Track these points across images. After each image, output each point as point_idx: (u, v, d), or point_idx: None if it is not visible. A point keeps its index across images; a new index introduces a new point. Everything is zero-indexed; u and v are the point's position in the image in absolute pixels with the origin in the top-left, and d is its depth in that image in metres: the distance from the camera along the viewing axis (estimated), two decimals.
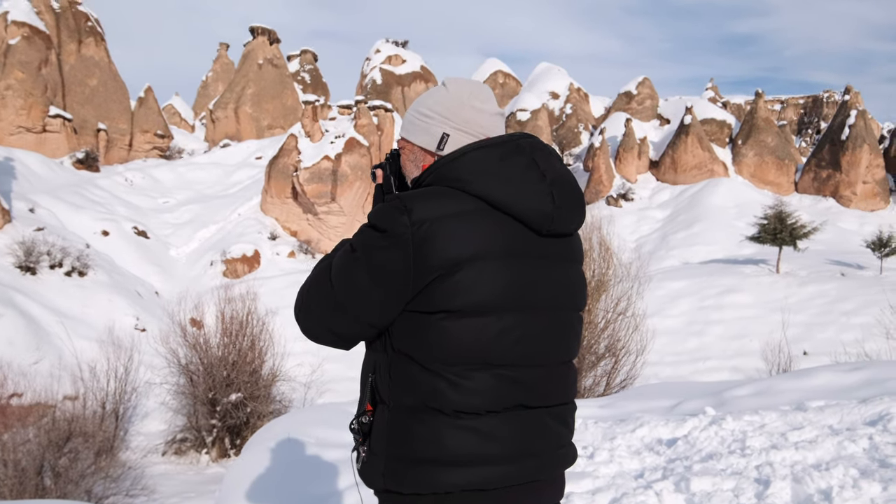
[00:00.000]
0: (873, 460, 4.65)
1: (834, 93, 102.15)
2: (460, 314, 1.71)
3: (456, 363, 1.72)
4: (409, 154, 1.96)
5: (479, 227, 1.72)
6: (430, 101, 1.91)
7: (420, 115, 1.91)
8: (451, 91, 1.91)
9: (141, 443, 18.42)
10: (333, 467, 5.86)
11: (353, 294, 1.75)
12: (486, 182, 1.75)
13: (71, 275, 30.04)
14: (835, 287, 33.03)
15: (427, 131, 1.90)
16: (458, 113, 1.87)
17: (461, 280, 1.69)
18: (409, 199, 1.72)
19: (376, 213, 1.76)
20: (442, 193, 1.75)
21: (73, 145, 50.85)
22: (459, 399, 1.72)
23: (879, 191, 64.52)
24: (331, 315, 1.80)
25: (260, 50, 67.64)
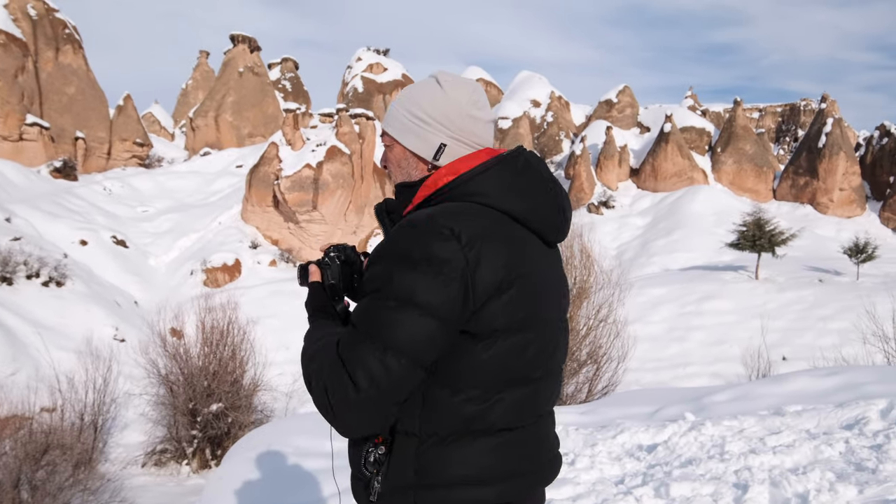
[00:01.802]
0: (849, 464, 4.70)
1: (811, 101, 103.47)
2: (505, 334, 1.67)
3: (497, 383, 1.68)
4: (399, 156, 1.85)
5: (515, 244, 1.69)
6: (424, 103, 1.80)
7: (414, 119, 1.81)
8: (448, 95, 1.80)
9: (120, 454, 18.21)
10: (314, 477, 5.83)
11: (413, 348, 1.58)
12: (509, 197, 1.73)
13: (48, 285, 29.68)
14: (813, 293, 33.37)
15: (422, 138, 1.80)
16: (455, 121, 1.80)
17: (507, 301, 1.65)
18: (447, 219, 1.62)
19: (415, 244, 1.59)
20: (474, 212, 1.68)
21: (50, 154, 50.35)
22: (498, 418, 1.70)
23: (856, 198, 65.33)
24: (385, 390, 1.59)
25: (240, 58, 67.43)
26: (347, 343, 1.61)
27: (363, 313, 1.63)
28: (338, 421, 1.62)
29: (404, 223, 1.65)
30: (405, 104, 1.83)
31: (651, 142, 71.10)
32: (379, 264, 1.64)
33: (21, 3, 52.35)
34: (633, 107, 79.23)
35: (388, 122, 1.87)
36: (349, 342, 1.61)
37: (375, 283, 1.62)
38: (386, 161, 1.90)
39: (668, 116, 69.02)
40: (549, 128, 76.74)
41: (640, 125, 77.76)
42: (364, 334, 1.59)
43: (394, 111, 1.85)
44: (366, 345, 1.58)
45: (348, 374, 1.57)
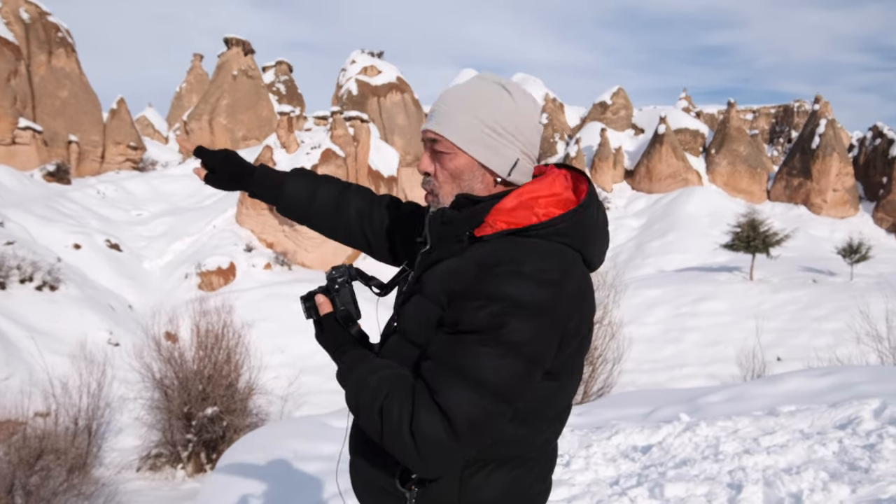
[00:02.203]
0: (843, 463, 4.72)
1: (804, 102, 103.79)
2: (567, 375, 1.70)
3: (547, 417, 1.72)
4: (463, 167, 1.72)
5: (590, 292, 1.69)
6: (498, 115, 1.69)
7: (488, 129, 1.69)
8: (520, 106, 1.71)
9: (115, 459, 18.15)
10: (310, 480, 5.83)
11: (512, 394, 1.56)
12: (588, 242, 1.71)
13: (42, 289, 29.59)
14: (807, 293, 33.49)
15: (498, 152, 1.70)
16: (526, 134, 1.72)
17: (577, 348, 1.68)
18: (552, 266, 1.58)
19: (526, 291, 1.54)
20: (569, 257, 1.64)
21: (43, 158, 50.21)
22: (539, 446, 1.75)
23: (849, 198, 65.60)
24: (481, 435, 1.56)
25: (234, 61, 67.38)
26: (442, 383, 1.53)
27: (462, 353, 1.54)
28: (424, 462, 1.54)
29: (513, 265, 1.56)
30: (475, 112, 1.69)
31: (645, 143, 71.29)
32: (483, 305, 1.54)
33: (13, 7, 52.24)
34: (628, 108, 79.42)
35: (449, 128, 1.71)
36: (444, 383, 1.53)
37: (478, 325, 1.54)
38: (436, 169, 1.76)
39: (662, 118, 69.21)
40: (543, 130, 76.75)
41: (635, 127, 77.95)
42: (462, 375, 1.53)
43: (455, 117, 1.70)
44: (465, 387, 1.52)
45: (445, 418, 1.50)
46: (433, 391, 1.53)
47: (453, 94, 1.74)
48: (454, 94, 1.73)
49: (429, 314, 1.66)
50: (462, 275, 1.61)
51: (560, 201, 1.70)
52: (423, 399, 1.53)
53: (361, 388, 1.63)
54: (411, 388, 1.57)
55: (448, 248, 1.70)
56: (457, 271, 1.63)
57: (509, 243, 1.62)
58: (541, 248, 1.61)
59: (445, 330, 1.60)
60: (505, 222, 1.66)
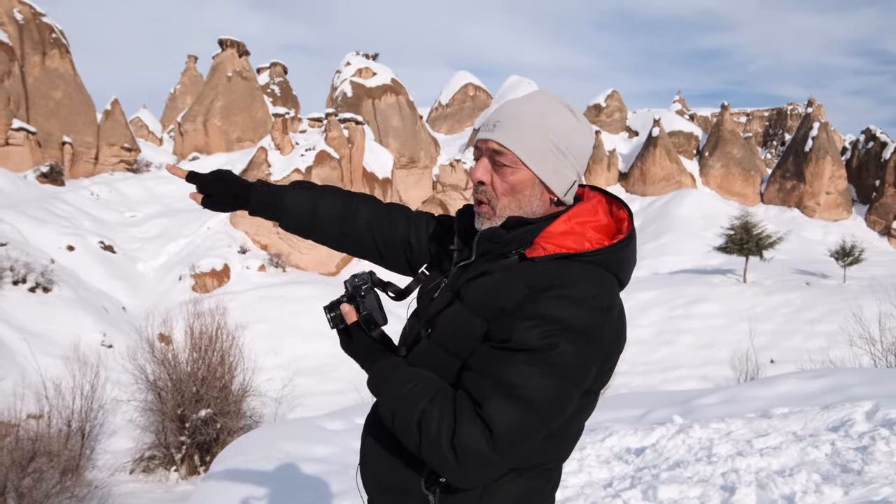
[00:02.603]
0: (835, 465, 4.74)
1: (798, 105, 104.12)
2: (597, 392, 1.76)
3: (574, 429, 1.77)
4: (524, 183, 1.72)
5: (624, 317, 1.73)
6: (566, 133, 1.71)
7: (554, 149, 1.70)
8: (583, 128, 1.74)
9: (108, 461, 18.09)
10: (304, 482, 5.82)
11: (554, 414, 1.59)
12: (627, 270, 1.74)
13: (35, 291, 29.47)
14: (800, 296, 33.59)
15: (560, 172, 1.72)
16: (584, 157, 1.76)
17: (610, 367, 1.72)
18: (602, 293, 1.61)
19: (579, 316, 1.56)
20: (612, 284, 1.68)
21: (37, 159, 50.05)
22: (562, 456, 1.81)
23: (842, 201, 65.83)
24: (519, 450, 1.58)
25: (229, 62, 67.29)
26: (488, 398, 1.54)
27: (511, 370, 1.55)
28: (463, 474, 1.56)
29: (566, 289, 1.58)
30: (542, 130, 1.69)
31: (639, 146, 71.44)
32: (535, 325, 1.56)
33: (7, 8, 52.08)
34: (622, 111, 79.59)
35: (514, 141, 1.69)
36: (491, 397, 1.54)
37: (529, 344, 1.55)
38: (493, 180, 1.74)
39: (656, 121, 69.37)
40: None
41: (629, 129, 78.12)
42: (508, 392, 1.53)
43: (524, 132, 1.69)
44: (510, 405, 1.53)
45: (487, 431, 1.52)
46: (477, 404, 1.54)
47: (520, 107, 1.72)
48: (522, 109, 1.72)
49: (469, 325, 1.67)
50: (511, 293, 1.62)
51: (602, 227, 1.74)
52: (466, 411, 1.54)
53: (397, 399, 1.63)
54: (451, 399, 1.58)
55: (492, 263, 1.72)
56: (505, 288, 1.64)
57: (561, 267, 1.63)
58: (591, 275, 1.63)
59: (492, 344, 1.61)
60: (557, 245, 1.67)
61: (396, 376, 1.68)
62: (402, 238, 2.10)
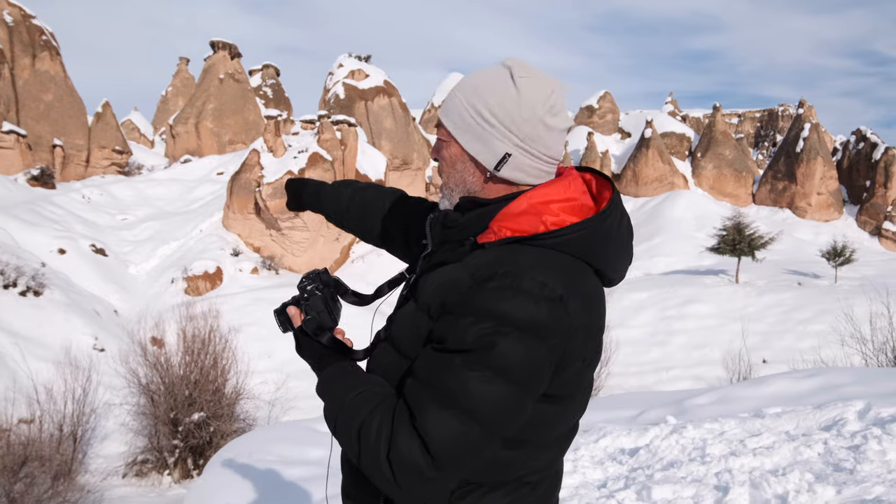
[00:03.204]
0: (828, 464, 4.75)
1: (789, 106, 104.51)
2: (571, 396, 1.56)
3: (549, 439, 1.59)
4: (454, 156, 1.60)
5: (598, 308, 1.56)
6: (492, 101, 1.52)
7: (478, 117, 1.53)
8: (522, 96, 1.52)
9: (100, 465, 18.01)
10: (297, 485, 5.81)
11: (501, 421, 1.41)
12: (601, 254, 1.55)
13: (26, 294, 29.33)
14: (792, 296, 33.70)
15: (485, 142, 1.54)
16: (525, 129, 1.52)
17: (583, 367, 1.55)
18: (554, 282, 1.42)
19: (522, 310, 1.38)
20: (572, 270, 1.48)
21: (27, 162, 49.82)
22: (539, 470, 1.62)
23: (833, 201, 66.11)
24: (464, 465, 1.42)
25: (221, 64, 67.15)
26: (424, 408, 1.39)
27: (447, 375, 1.39)
28: (402, 491, 1.40)
29: (510, 278, 1.41)
30: (469, 96, 1.55)
31: (632, 147, 71.61)
32: (474, 322, 1.40)
33: None
34: (614, 112, 79.78)
35: (446, 112, 1.58)
36: (426, 407, 1.39)
37: (466, 344, 1.39)
38: (438, 155, 1.64)
39: (648, 122, 69.55)
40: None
41: (621, 131, 78.32)
42: (445, 401, 1.38)
43: (456, 101, 1.57)
44: (449, 415, 1.38)
45: (424, 446, 1.37)
46: (413, 416, 1.40)
47: (466, 77, 1.61)
48: (465, 78, 1.60)
49: (418, 324, 1.53)
50: (456, 286, 1.47)
51: (575, 207, 1.54)
52: (403, 424, 1.40)
53: (339, 407, 1.51)
54: (391, 409, 1.44)
55: (451, 252, 1.58)
56: (450, 281, 1.49)
57: (510, 253, 1.47)
58: (545, 261, 1.45)
59: (433, 346, 1.46)
60: (510, 229, 1.51)
61: (342, 383, 1.56)
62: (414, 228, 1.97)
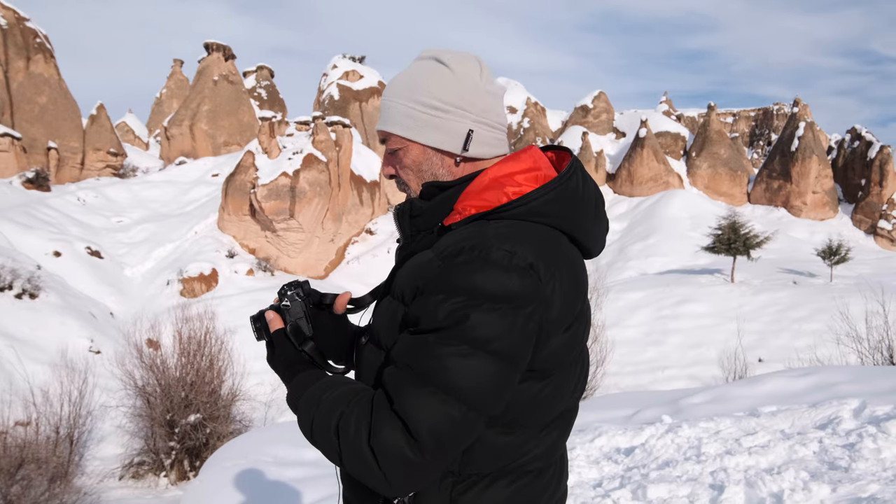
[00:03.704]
0: (823, 463, 4.77)
1: (784, 105, 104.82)
2: (560, 371, 1.51)
3: (545, 422, 1.53)
4: (418, 158, 1.57)
5: (577, 276, 1.51)
6: (436, 89, 1.53)
7: (429, 109, 1.53)
8: (458, 73, 1.54)
9: (97, 467, 17.98)
10: (293, 486, 5.81)
11: (484, 397, 1.35)
12: (570, 219, 1.52)
13: (21, 297, 29.27)
14: (787, 295, 33.76)
15: (445, 129, 1.54)
16: (476, 102, 1.54)
17: (568, 338, 1.49)
18: (524, 250, 1.39)
19: (492, 280, 1.35)
20: (543, 237, 1.45)
21: (22, 164, 49.72)
22: (539, 457, 1.55)
23: (828, 200, 66.25)
24: (448, 446, 1.35)
25: (215, 66, 67.08)
26: (401, 390, 1.34)
27: (422, 355, 1.35)
28: (388, 481, 1.34)
29: (477, 251, 1.38)
30: (412, 96, 1.55)
31: (627, 147, 71.67)
32: (445, 299, 1.36)
33: None
34: (609, 112, 79.86)
35: (390, 122, 1.57)
36: (404, 389, 1.34)
37: (439, 321, 1.35)
38: (396, 169, 1.61)
39: (643, 121, 69.62)
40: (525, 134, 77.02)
41: (616, 130, 78.39)
42: (423, 380, 1.33)
43: (396, 108, 1.56)
44: (427, 394, 1.32)
45: (406, 429, 1.32)
46: (391, 400, 1.35)
47: (393, 83, 1.60)
48: (391, 85, 1.60)
49: (393, 313, 1.48)
50: (427, 269, 1.42)
51: (539, 177, 1.52)
52: (382, 410, 1.35)
53: (314, 407, 1.45)
54: (367, 401, 1.39)
55: (423, 241, 1.54)
56: (422, 265, 1.44)
57: (476, 228, 1.44)
58: (511, 231, 1.43)
59: (408, 331, 1.42)
60: (474, 206, 1.49)
61: (316, 385, 1.49)
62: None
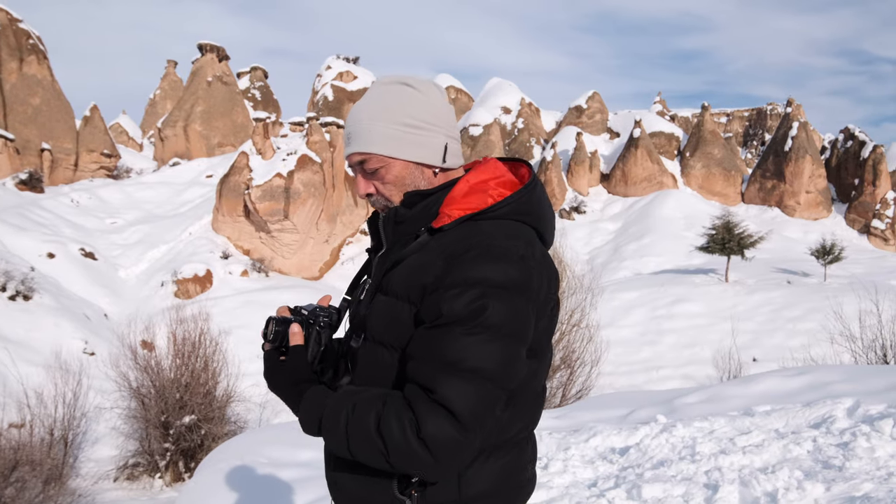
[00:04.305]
0: (817, 462, 4.79)
1: (777, 105, 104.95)
2: (542, 353, 1.73)
3: (530, 399, 1.74)
4: (401, 174, 1.73)
5: (552, 267, 1.72)
6: (412, 110, 1.71)
7: (408, 128, 1.70)
8: (428, 95, 1.74)
9: (91, 469, 17.93)
10: (289, 487, 5.81)
11: (507, 377, 1.56)
12: (541, 217, 1.74)
13: (15, 299, 29.18)
14: (781, 295, 33.84)
15: (425, 145, 1.72)
16: (445, 118, 1.76)
17: (548, 323, 1.71)
18: (518, 243, 1.61)
19: (500, 270, 1.54)
20: (528, 234, 1.69)
21: (15, 166, 49.54)
22: (523, 430, 1.75)
23: (822, 200, 66.44)
24: (485, 425, 1.54)
25: (209, 67, 66.95)
26: (438, 380, 1.50)
27: (450, 345, 1.51)
28: (440, 465, 1.50)
29: (481, 248, 1.57)
30: (391, 118, 1.71)
31: (621, 147, 71.72)
32: (461, 292, 1.53)
33: None
34: (603, 112, 79.92)
35: (371, 143, 1.71)
36: (439, 379, 1.50)
37: (459, 313, 1.52)
38: (377, 187, 1.76)
39: (637, 122, 69.69)
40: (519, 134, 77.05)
41: (610, 131, 78.47)
42: (454, 368, 1.50)
43: (376, 131, 1.71)
44: (462, 380, 1.49)
45: (451, 415, 1.48)
46: (430, 391, 1.50)
47: (362, 109, 1.75)
48: (363, 109, 1.74)
49: (399, 313, 1.63)
50: (430, 268, 1.59)
51: (506, 182, 1.73)
52: (422, 403, 1.50)
53: (344, 419, 1.57)
54: (401, 397, 1.54)
55: (405, 246, 1.70)
56: (423, 265, 1.61)
57: (472, 228, 1.63)
58: (502, 228, 1.63)
59: (425, 326, 1.57)
60: (461, 209, 1.67)
61: (334, 399, 1.62)
62: None
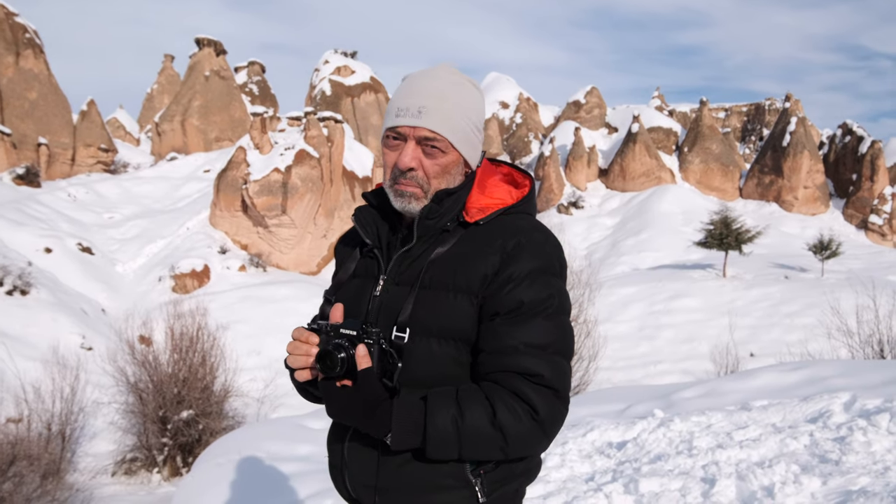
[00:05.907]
0: (814, 456, 4.79)
1: (775, 100, 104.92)
2: None
3: None
4: (452, 163, 1.78)
5: None
6: (479, 114, 1.85)
7: (474, 129, 1.82)
8: (484, 103, 1.89)
9: (89, 464, 17.94)
10: (287, 481, 5.81)
11: (574, 341, 1.79)
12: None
13: (12, 294, 29.14)
14: (779, 290, 33.88)
15: (477, 148, 1.85)
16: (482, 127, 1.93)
17: None
18: (550, 233, 1.78)
19: (556, 258, 1.74)
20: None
21: (12, 161, 49.45)
22: None
23: (819, 195, 66.51)
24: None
25: (206, 61, 66.77)
26: (537, 364, 1.64)
27: (540, 332, 1.66)
28: (550, 441, 1.69)
29: (537, 238, 1.73)
30: (467, 115, 1.79)
31: (619, 142, 71.75)
32: (533, 281, 1.68)
33: None
34: (601, 107, 79.90)
35: (448, 129, 1.75)
36: (540, 362, 1.64)
37: (536, 299, 1.67)
38: (425, 164, 1.76)
39: (635, 117, 69.70)
40: (517, 129, 77.02)
41: (608, 126, 78.45)
42: (548, 352, 1.66)
43: (458, 120, 1.77)
44: (554, 360, 1.66)
45: (556, 394, 1.65)
46: (533, 374, 1.62)
47: (441, 91, 1.76)
48: (443, 92, 1.76)
49: (458, 306, 1.69)
50: (485, 258, 1.70)
51: (505, 177, 1.90)
52: (528, 388, 1.62)
53: (451, 422, 1.59)
54: (499, 390, 1.63)
55: (435, 240, 1.76)
56: (474, 257, 1.71)
57: (510, 222, 1.76)
58: (532, 221, 1.80)
59: (503, 318, 1.67)
60: (489, 205, 1.79)
61: (430, 408, 1.61)
62: None
